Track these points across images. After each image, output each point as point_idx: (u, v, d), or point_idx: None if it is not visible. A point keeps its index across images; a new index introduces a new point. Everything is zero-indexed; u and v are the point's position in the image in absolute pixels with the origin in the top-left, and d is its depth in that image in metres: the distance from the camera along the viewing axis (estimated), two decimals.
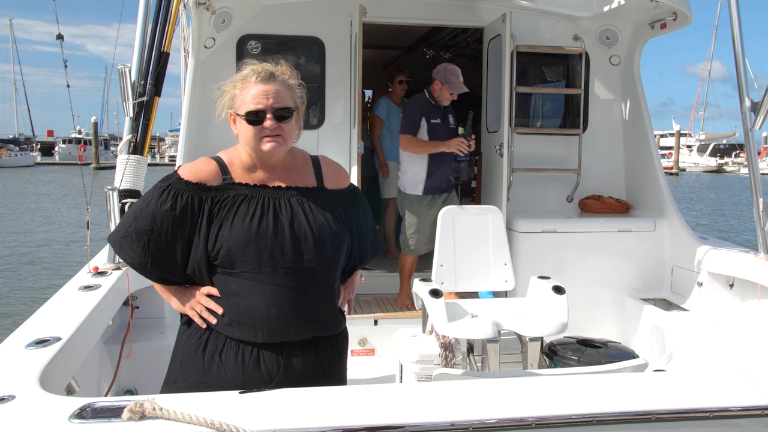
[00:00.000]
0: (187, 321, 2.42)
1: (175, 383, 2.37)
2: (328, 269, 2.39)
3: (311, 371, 2.34)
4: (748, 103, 4.68)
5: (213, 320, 2.30)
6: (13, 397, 1.97)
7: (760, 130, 5.46)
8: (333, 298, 2.44)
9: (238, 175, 2.36)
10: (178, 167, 2.40)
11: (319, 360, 2.37)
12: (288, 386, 2.14)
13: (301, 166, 2.49)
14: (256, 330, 2.27)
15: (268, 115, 2.29)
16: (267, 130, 2.29)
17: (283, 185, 2.39)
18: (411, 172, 5.64)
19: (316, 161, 2.56)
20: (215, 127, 5.73)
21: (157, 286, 2.44)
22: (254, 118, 2.29)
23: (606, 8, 5.75)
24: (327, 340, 2.43)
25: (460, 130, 5.54)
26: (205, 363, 2.31)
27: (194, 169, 2.34)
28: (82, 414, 1.83)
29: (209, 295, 2.33)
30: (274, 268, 2.27)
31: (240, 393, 2.00)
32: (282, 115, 2.31)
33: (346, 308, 2.67)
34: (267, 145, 2.31)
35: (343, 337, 2.54)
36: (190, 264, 2.32)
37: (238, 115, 2.32)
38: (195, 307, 2.34)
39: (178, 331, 2.49)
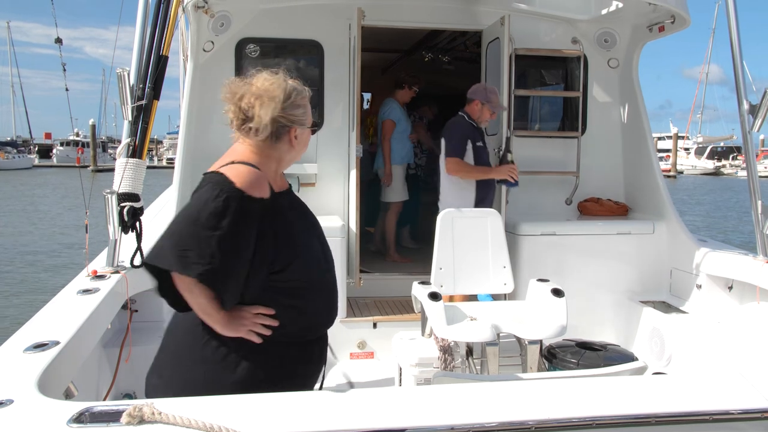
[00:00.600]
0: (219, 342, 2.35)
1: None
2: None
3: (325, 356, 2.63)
4: (746, 106, 4.69)
5: (268, 332, 2.34)
6: (11, 401, 1.96)
7: (758, 133, 5.49)
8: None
9: (274, 184, 2.45)
10: (224, 173, 2.31)
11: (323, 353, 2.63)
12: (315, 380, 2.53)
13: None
14: (311, 328, 2.50)
15: None
16: None
17: (292, 192, 2.63)
18: (457, 196, 5.24)
19: None
20: (214, 130, 5.77)
21: (204, 307, 2.30)
22: (313, 125, 2.65)
23: (604, 11, 5.76)
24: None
25: (510, 157, 5.46)
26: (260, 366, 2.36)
27: (253, 182, 2.30)
28: (81, 418, 1.82)
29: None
30: (319, 270, 2.52)
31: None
32: None
33: None
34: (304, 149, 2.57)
35: None
36: (248, 279, 2.30)
37: (306, 127, 2.50)
38: (251, 327, 2.33)
39: (203, 350, 2.38)
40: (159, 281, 2.38)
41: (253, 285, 2.32)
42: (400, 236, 7.60)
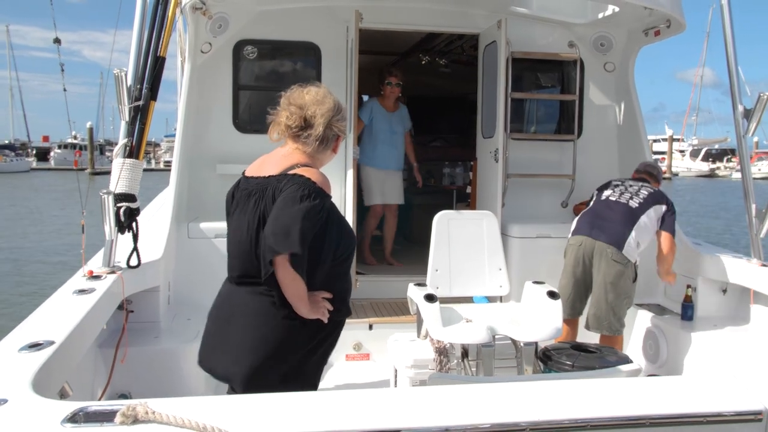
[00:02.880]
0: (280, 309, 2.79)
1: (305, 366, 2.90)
2: None
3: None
4: (740, 110, 4.72)
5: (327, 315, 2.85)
6: (5, 401, 1.96)
7: (752, 136, 5.50)
8: None
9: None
10: (307, 176, 2.76)
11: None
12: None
13: None
14: (347, 308, 3.01)
15: None
16: None
17: None
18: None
19: None
20: (211, 132, 5.77)
21: (301, 295, 2.75)
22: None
23: (600, 15, 5.78)
24: None
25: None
26: (322, 337, 2.93)
27: (325, 184, 2.80)
28: (75, 418, 1.82)
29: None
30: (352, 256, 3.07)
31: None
32: None
33: None
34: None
35: None
36: (312, 266, 2.76)
37: (343, 133, 2.99)
38: (323, 308, 2.82)
39: (287, 329, 2.81)
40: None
41: (321, 271, 2.81)
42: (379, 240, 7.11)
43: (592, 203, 5.03)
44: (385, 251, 6.86)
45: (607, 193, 4.95)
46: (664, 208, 4.83)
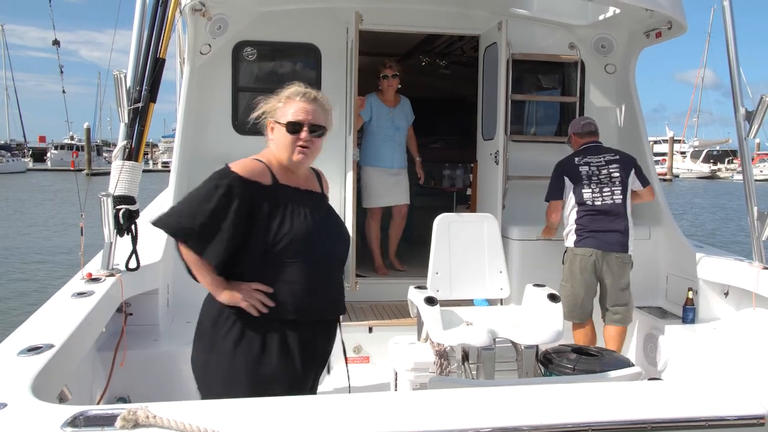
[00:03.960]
0: (222, 312, 2.64)
1: (223, 372, 2.63)
2: (345, 261, 2.91)
3: (328, 344, 2.85)
4: (742, 112, 4.71)
5: (265, 309, 2.59)
6: (4, 405, 1.95)
7: (753, 138, 5.52)
8: (343, 286, 2.91)
9: (281, 177, 2.71)
10: (228, 164, 2.67)
11: (332, 335, 2.88)
12: (323, 358, 2.81)
13: (311, 176, 2.91)
14: (303, 311, 2.65)
15: (305, 128, 2.68)
16: (301, 141, 2.67)
17: (304, 189, 2.79)
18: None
19: (317, 173, 2.97)
20: (210, 134, 5.76)
21: (210, 281, 2.63)
22: (294, 128, 2.67)
23: (601, 17, 5.78)
24: (335, 323, 2.90)
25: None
26: (260, 343, 2.62)
27: (250, 169, 2.64)
28: (75, 422, 1.81)
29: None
30: (318, 258, 2.68)
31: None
32: (315, 130, 2.70)
33: None
34: (298, 156, 2.69)
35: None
36: (245, 256, 2.60)
37: (279, 123, 2.69)
38: (248, 299, 2.58)
39: (210, 329, 2.68)
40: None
41: (251, 260, 2.60)
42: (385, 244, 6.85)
43: (575, 203, 5.03)
44: (389, 253, 6.66)
45: (586, 195, 5.01)
46: (633, 171, 5.11)
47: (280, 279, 2.61)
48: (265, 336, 2.61)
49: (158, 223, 2.61)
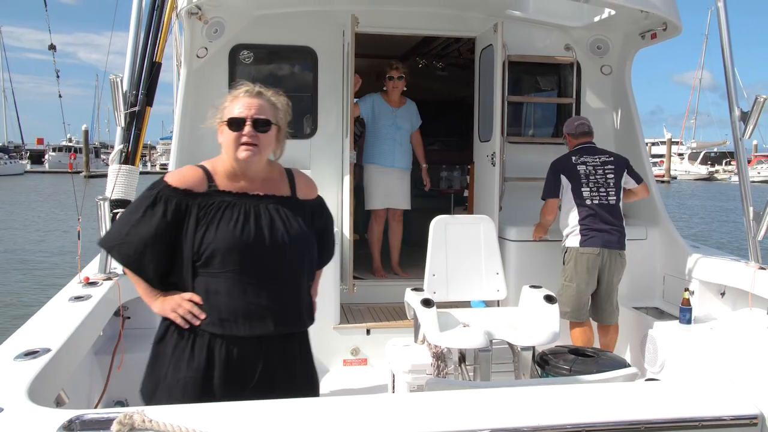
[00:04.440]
0: (167, 325, 2.53)
1: (155, 381, 2.50)
2: (299, 271, 2.63)
3: (283, 363, 2.56)
4: (737, 113, 4.73)
5: (196, 322, 2.45)
6: (1, 409, 1.95)
7: (750, 139, 5.55)
8: (303, 297, 2.66)
9: (222, 183, 2.55)
10: (164, 175, 2.58)
11: (289, 353, 2.60)
12: (266, 375, 2.47)
13: (277, 177, 2.68)
14: (237, 325, 2.45)
15: (248, 122, 2.49)
16: (245, 137, 2.49)
17: (262, 194, 2.59)
18: None
19: (290, 173, 2.75)
20: (208, 137, 5.75)
21: (142, 289, 2.55)
22: (234, 124, 2.50)
23: (597, 18, 5.79)
24: (296, 336, 2.65)
25: None
26: (187, 355, 2.46)
27: (181, 176, 2.52)
28: (71, 426, 1.81)
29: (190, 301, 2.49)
30: (254, 269, 2.48)
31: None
32: (260, 125, 2.51)
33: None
34: (243, 153, 2.49)
35: (307, 335, 2.76)
36: (177, 266, 2.48)
37: (223, 122, 2.53)
38: (178, 309, 2.46)
39: (156, 336, 2.58)
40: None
41: (182, 271, 2.47)
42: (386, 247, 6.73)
43: (574, 203, 5.04)
44: (391, 261, 6.50)
45: (585, 194, 5.03)
46: (625, 171, 5.17)
47: (208, 290, 2.45)
48: (194, 349, 2.46)
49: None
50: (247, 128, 2.49)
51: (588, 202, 5.00)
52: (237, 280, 2.45)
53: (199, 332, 2.46)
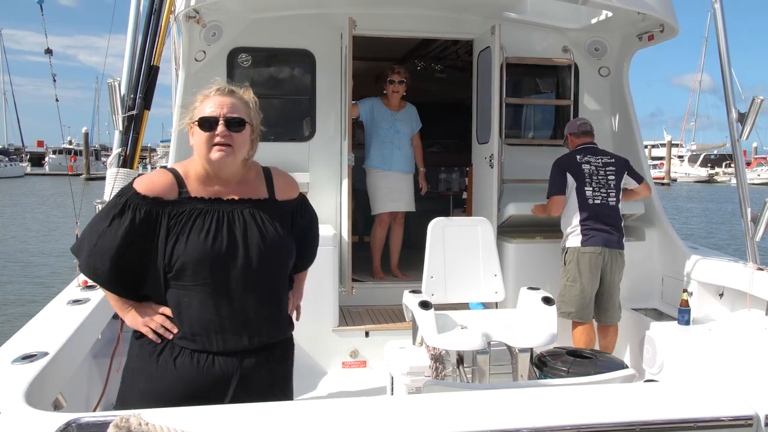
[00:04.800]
0: (140, 335, 2.44)
1: (126, 391, 2.43)
2: (277, 279, 2.50)
3: (263, 376, 2.43)
4: (735, 114, 4.74)
5: (169, 336, 2.36)
6: None
7: (749, 141, 5.57)
8: (282, 305, 2.55)
9: (194, 188, 2.41)
10: (134, 179, 2.44)
11: (269, 364, 2.46)
12: (242, 391, 2.32)
13: (254, 178, 2.54)
14: (210, 340, 2.34)
15: (220, 122, 2.36)
16: (218, 137, 2.36)
17: (237, 198, 2.45)
18: None
19: (267, 173, 2.60)
20: None
21: (113, 301, 2.45)
22: (207, 124, 2.37)
23: (594, 20, 5.80)
24: (276, 346, 2.52)
25: None
26: (158, 367, 2.35)
27: (150, 183, 2.37)
28: (68, 430, 1.81)
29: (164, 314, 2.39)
30: (227, 281, 2.35)
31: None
32: (233, 124, 2.38)
33: (294, 314, 2.73)
34: (216, 154, 2.36)
35: (290, 342, 2.64)
36: (149, 278, 2.36)
37: (194, 122, 2.40)
38: (150, 324, 2.37)
39: (129, 345, 2.51)
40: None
41: (152, 282, 2.36)
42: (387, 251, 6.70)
43: (577, 202, 5.03)
44: (391, 263, 6.50)
45: (588, 194, 5.03)
46: (625, 172, 5.18)
47: (180, 303, 2.34)
48: (167, 362, 2.35)
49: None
50: (220, 128, 2.36)
51: (590, 201, 5.00)
52: (209, 293, 2.33)
53: (172, 345, 2.36)
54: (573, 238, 5.01)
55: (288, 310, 2.62)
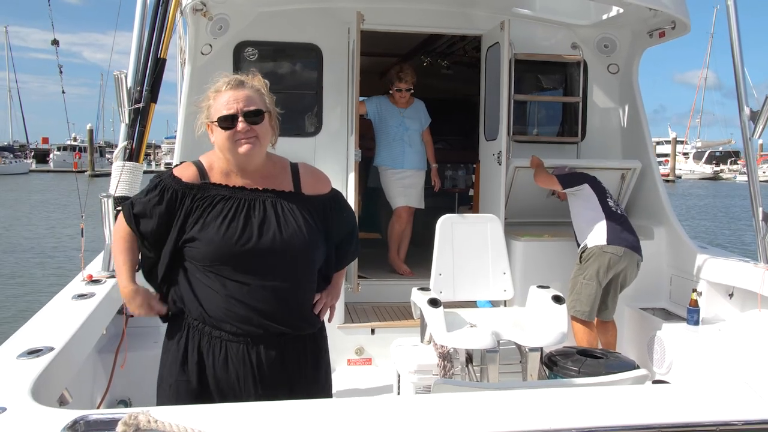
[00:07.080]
0: (168, 328, 2.52)
1: (162, 384, 2.50)
2: (296, 270, 2.46)
3: (274, 368, 2.42)
4: (747, 112, 4.68)
5: (152, 313, 2.50)
6: (4, 409, 1.92)
7: (758, 139, 5.49)
8: (301, 299, 2.50)
9: (217, 179, 2.47)
10: (174, 166, 2.58)
11: (282, 357, 2.44)
12: (251, 381, 2.37)
13: (279, 173, 2.55)
14: (221, 322, 2.38)
15: (240, 118, 2.38)
16: (240, 134, 2.38)
17: (260, 188, 2.47)
18: None
19: (294, 168, 2.60)
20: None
21: (125, 269, 2.51)
22: (227, 122, 2.39)
23: (604, 17, 5.75)
24: (294, 340, 2.48)
25: None
26: (181, 357, 2.42)
27: (180, 170, 2.48)
28: (75, 427, 1.79)
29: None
30: (237, 268, 2.37)
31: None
32: (253, 117, 2.40)
33: (326, 313, 2.70)
34: (243, 147, 2.39)
35: (313, 339, 2.58)
36: (163, 257, 2.44)
37: (213, 122, 2.43)
38: (141, 306, 2.50)
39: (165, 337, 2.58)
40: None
41: (163, 265, 2.44)
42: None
43: (600, 208, 5.04)
44: (399, 256, 6.51)
45: (611, 203, 5.14)
46: None
47: (192, 285, 2.41)
48: (186, 352, 2.42)
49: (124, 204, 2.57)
50: (241, 124, 2.38)
51: (614, 209, 5.09)
52: (218, 275, 2.37)
53: (192, 333, 2.41)
54: (596, 236, 4.95)
55: (313, 306, 2.57)
